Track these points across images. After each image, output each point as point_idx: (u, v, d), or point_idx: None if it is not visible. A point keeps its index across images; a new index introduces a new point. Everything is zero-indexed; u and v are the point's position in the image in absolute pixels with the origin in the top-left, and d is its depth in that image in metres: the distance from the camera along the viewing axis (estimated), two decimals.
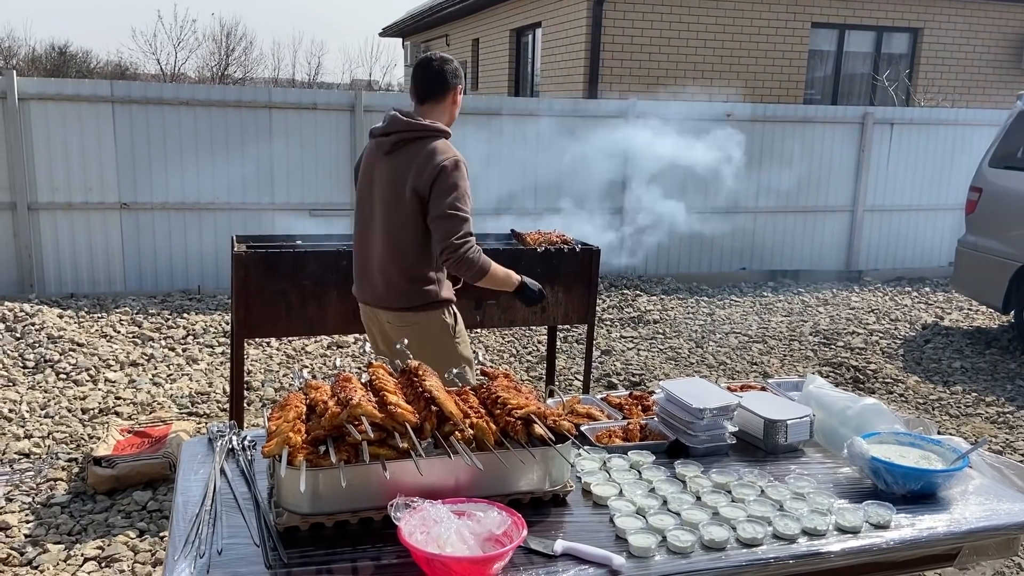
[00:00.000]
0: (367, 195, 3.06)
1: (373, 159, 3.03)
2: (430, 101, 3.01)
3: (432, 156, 2.88)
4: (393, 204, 2.93)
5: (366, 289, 3.14)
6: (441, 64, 3.01)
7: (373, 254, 3.06)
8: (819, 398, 2.41)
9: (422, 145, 2.91)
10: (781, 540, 1.82)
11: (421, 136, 2.92)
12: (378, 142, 2.99)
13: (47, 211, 7.01)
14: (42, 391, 5.00)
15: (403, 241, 2.96)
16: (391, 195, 2.94)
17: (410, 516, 1.67)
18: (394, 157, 2.94)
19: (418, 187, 2.86)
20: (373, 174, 3.02)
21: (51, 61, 26.04)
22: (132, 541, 3.38)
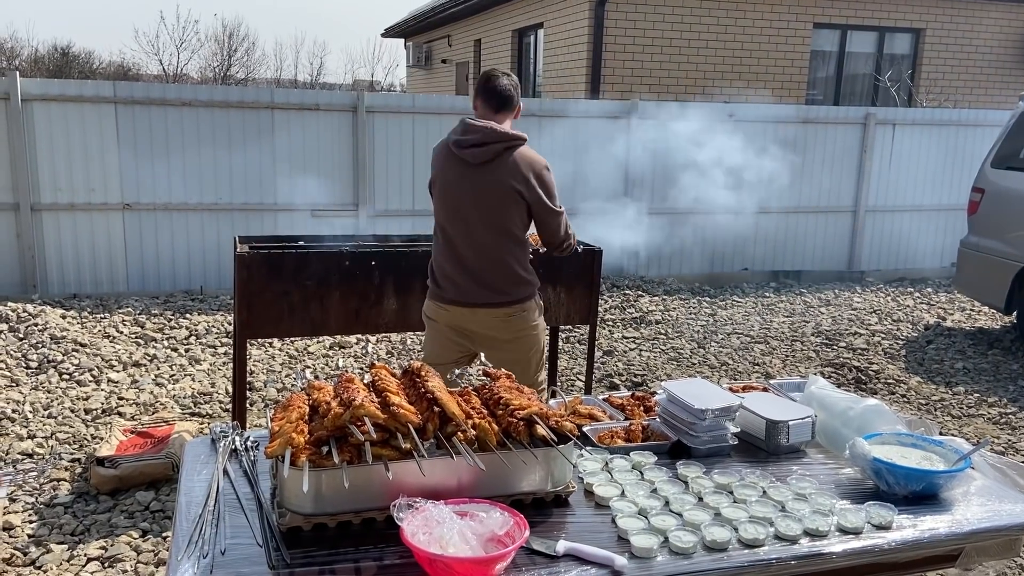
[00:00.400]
0: (463, 203, 3.23)
1: (463, 168, 3.21)
2: (504, 111, 3.29)
3: (531, 161, 3.22)
4: (501, 209, 3.19)
5: (469, 290, 3.28)
6: (510, 80, 3.35)
7: (476, 257, 3.25)
8: (821, 399, 2.41)
9: (514, 151, 3.21)
10: (783, 541, 1.82)
11: (513, 144, 3.21)
12: (472, 153, 3.18)
13: (50, 212, 7.02)
14: (45, 391, 5.01)
15: (510, 239, 3.24)
16: (496, 198, 3.18)
17: (413, 517, 1.67)
18: (494, 164, 3.18)
19: (522, 191, 3.17)
20: (471, 182, 3.20)
21: (54, 62, 26.09)
22: (135, 541, 3.39)
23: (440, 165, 3.30)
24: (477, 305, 3.27)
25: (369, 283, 4.17)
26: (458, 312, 3.32)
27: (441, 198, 3.30)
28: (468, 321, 3.32)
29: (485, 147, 3.17)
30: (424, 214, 7.77)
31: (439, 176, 3.30)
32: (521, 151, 3.21)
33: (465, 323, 3.33)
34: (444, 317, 3.37)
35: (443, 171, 3.28)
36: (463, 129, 3.24)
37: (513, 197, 3.17)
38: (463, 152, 3.20)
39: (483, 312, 3.28)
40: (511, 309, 3.28)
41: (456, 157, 3.22)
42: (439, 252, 3.35)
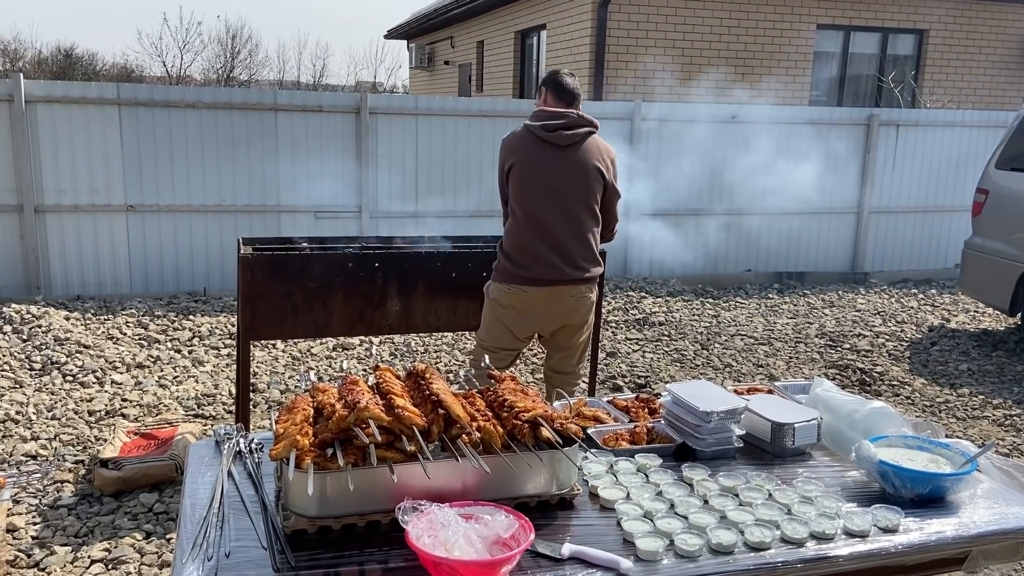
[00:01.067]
0: (554, 182, 3.48)
1: (551, 150, 3.48)
2: (575, 104, 3.61)
3: (607, 146, 3.62)
4: (587, 186, 3.51)
5: (555, 267, 3.50)
6: (574, 79, 3.66)
7: (567, 232, 3.50)
8: (826, 401, 2.40)
9: (595, 137, 3.57)
10: (789, 544, 1.81)
11: (592, 129, 3.56)
12: (562, 136, 3.46)
13: (54, 213, 7.03)
14: (49, 393, 5.02)
15: (592, 215, 3.55)
16: (586, 176, 3.50)
17: (417, 519, 1.67)
18: (582, 147, 3.50)
19: (604, 171, 3.54)
20: (555, 161, 3.48)
21: (57, 63, 26.13)
22: (139, 543, 3.38)
23: (522, 150, 3.52)
24: (558, 283, 3.50)
25: (372, 285, 4.17)
26: (535, 293, 3.53)
27: (527, 180, 3.51)
28: (543, 302, 3.54)
29: (573, 130, 3.48)
30: (427, 215, 7.79)
31: (523, 160, 3.51)
32: (597, 137, 3.58)
33: (539, 304, 3.55)
34: (520, 300, 3.55)
35: (528, 155, 3.51)
36: (546, 116, 3.51)
37: (597, 176, 3.52)
38: (552, 135, 3.47)
39: (560, 290, 3.52)
40: (585, 288, 3.58)
41: (541, 141, 3.49)
42: (520, 232, 3.53)
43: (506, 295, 3.58)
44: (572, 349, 3.74)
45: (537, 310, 3.57)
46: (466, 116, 8.04)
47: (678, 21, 11.29)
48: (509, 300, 3.58)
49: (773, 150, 8.84)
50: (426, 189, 7.91)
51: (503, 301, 3.60)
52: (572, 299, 3.57)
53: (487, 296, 3.70)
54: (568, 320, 3.63)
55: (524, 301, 3.55)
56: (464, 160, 8.06)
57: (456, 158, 8.03)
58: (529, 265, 3.52)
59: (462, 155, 8.06)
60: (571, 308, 3.59)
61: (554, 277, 3.50)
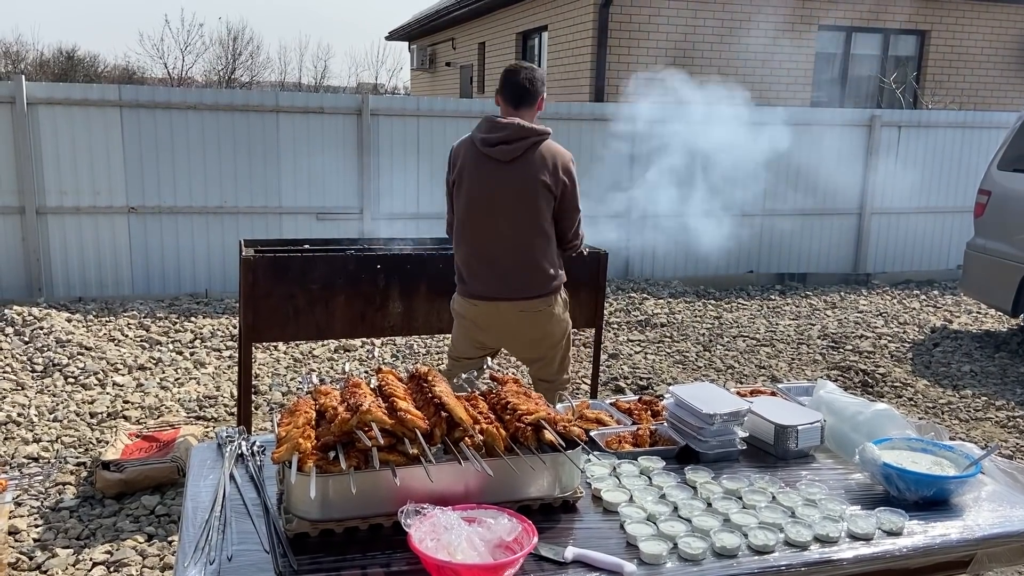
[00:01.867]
0: (494, 200, 3.25)
1: (492, 166, 3.23)
2: (524, 106, 3.29)
3: (559, 154, 3.28)
4: (529, 202, 3.22)
5: (495, 285, 3.31)
6: (533, 73, 3.30)
7: (504, 251, 3.28)
8: (830, 403, 2.40)
9: (540, 146, 3.25)
10: (793, 547, 1.81)
11: (539, 139, 3.25)
12: (500, 150, 3.20)
13: (55, 215, 7.03)
14: (50, 395, 5.01)
15: (539, 233, 3.27)
16: (527, 194, 3.22)
17: (420, 523, 1.66)
18: (522, 161, 3.21)
19: (551, 185, 3.23)
20: (499, 178, 3.23)
21: (59, 65, 26.15)
22: (141, 546, 3.38)
23: (465, 163, 3.29)
24: (503, 299, 3.31)
25: (374, 286, 4.17)
26: (485, 307, 3.35)
27: (468, 196, 3.30)
28: (493, 316, 3.36)
29: (513, 144, 3.20)
30: (429, 216, 7.79)
31: (465, 175, 3.29)
32: (547, 144, 3.27)
33: (491, 318, 3.37)
34: (471, 312, 3.40)
35: (470, 170, 3.28)
36: (488, 127, 3.25)
37: (543, 191, 3.22)
38: (491, 150, 3.22)
39: (508, 306, 3.32)
40: (536, 303, 3.32)
41: (483, 155, 3.24)
42: (466, 248, 3.37)
43: (461, 306, 3.45)
44: (546, 360, 3.52)
45: (490, 323, 3.39)
46: (468, 117, 8.04)
47: (680, 22, 11.28)
48: (463, 311, 3.44)
49: (774, 151, 8.83)
50: (428, 190, 7.91)
51: (459, 311, 3.47)
52: (523, 313, 3.34)
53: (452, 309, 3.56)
54: (527, 334, 3.41)
55: (475, 314, 3.39)
56: None
57: None
58: (471, 281, 3.37)
59: None
60: (525, 322, 3.36)
61: (495, 295, 3.32)
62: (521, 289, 3.30)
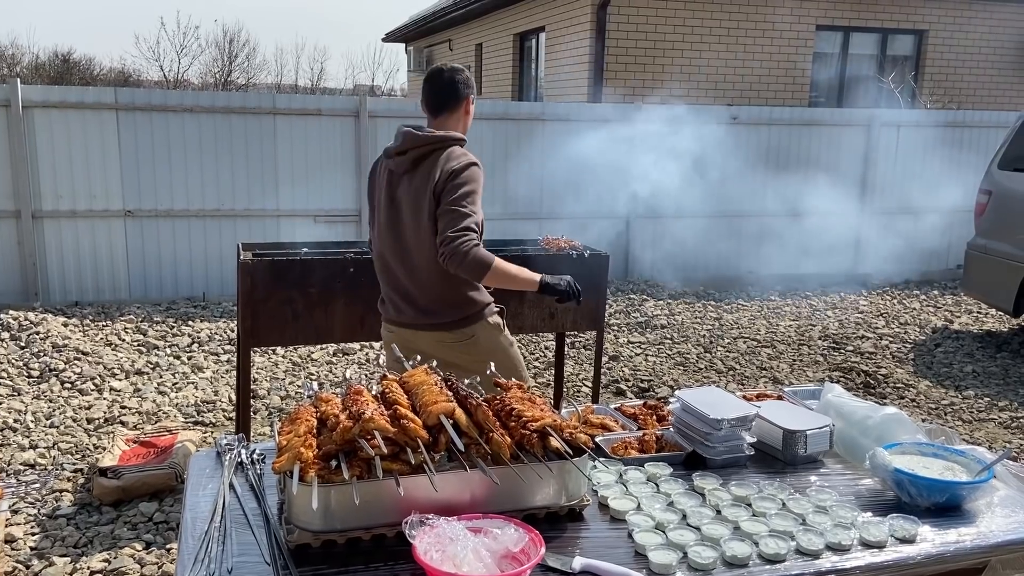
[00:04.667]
0: (392, 216, 2.92)
1: (391, 179, 2.94)
2: (444, 113, 2.93)
3: (449, 157, 2.83)
4: (421, 218, 2.83)
5: (408, 312, 2.96)
6: (452, 75, 2.93)
7: (409, 272, 2.92)
8: (838, 407, 2.36)
9: (438, 155, 2.84)
10: (805, 556, 1.77)
11: (437, 147, 2.85)
12: (396, 162, 2.90)
13: (51, 219, 6.99)
14: (47, 401, 4.97)
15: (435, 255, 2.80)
16: (417, 209, 2.83)
17: (425, 534, 1.63)
18: (415, 173, 2.86)
19: (435, 192, 2.80)
20: (394, 194, 2.92)
21: (55, 68, 26.08)
22: (138, 553, 3.34)
23: (373, 179, 3.06)
24: (416, 327, 2.95)
25: (373, 290, 4.11)
26: (401, 333, 2.99)
27: (372, 213, 3.05)
28: (417, 341, 2.95)
29: (405, 155, 2.86)
30: None
31: (371, 190, 3.06)
32: (450, 151, 2.85)
33: (415, 344, 2.94)
34: (393, 339, 3.02)
35: (374, 185, 3.04)
36: (395, 137, 2.94)
37: (426, 203, 2.80)
38: (389, 161, 2.93)
39: (425, 336, 2.94)
40: (455, 334, 2.92)
41: (384, 167, 2.97)
42: (376, 271, 3.09)
43: (384, 333, 3.13)
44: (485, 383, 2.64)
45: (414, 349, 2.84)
46: None
47: (677, 23, 11.25)
48: (387, 339, 3.10)
49: (772, 152, 8.81)
50: None
51: (383, 336, 3.16)
52: (440, 345, 2.91)
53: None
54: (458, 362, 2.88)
55: (397, 340, 2.95)
56: None
57: None
58: (387, 305, 3.06)
59: None
60: (449, 353, 2.89)
61: (408, 322, 2.95)
62: (435, 317, 2.91)
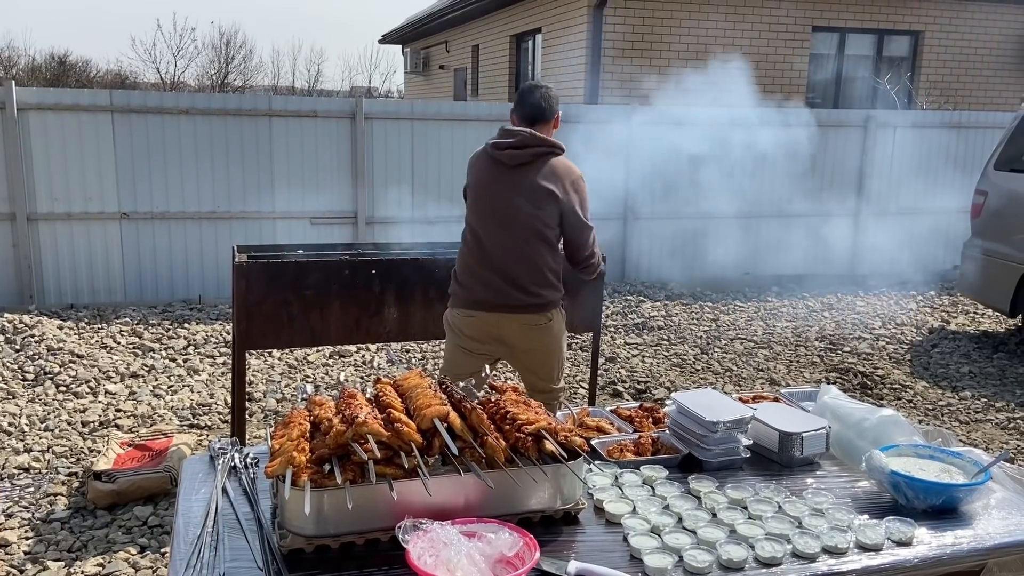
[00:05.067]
0: (498, 204, 3.27)
1: (501, 169, 3.27)
2: (540, 123, 3.31)
3: (569, 169, 3.29)
4: (533, 208, 3.22)
5: (498, 294, 3.28)
6: (548, 92, 3.36)
7: (507, 257, 3.26)
8: (835, 409, 2.35)
9: (551, 158, 3.27)
10: (801, 559, 1.76)
11: (553, 151, 3.29)
12: (510, 155, 3.24)
13: (46, 221, 6.97)
14: (42, 404, 4.95)
15: (542, 241, 3.25)
16: (531, 199, 3.22)
17: (418, 538, 1.62)
18: (531, 168, 3.24)
19: (558, 194, 3.22)
20: (508, 183, 3.25)
21: (51, 70, 26.05)
22: (133, 558, 3.32)
23: (478, 169, 3.37)
24: (505, 308, 3.28)
25: (369, 292, 4.12)
26: (484, 318, 3.32)
27: (476, 200, 3.35)
28: (492, 327, 3.33)
29: (522, 150, 3.24)
30: (423, 221, 7.74)
31: (475, 179, 3.37)
32: (559, 159, 3.29)
33: (489, 329, 3.33)
34: (469, 324, 3.35)
35: (480, 174, 3.35)
36: (502, 134, 3.32)
37: (549, 201, 3.22)
38: (500, 154, 3.26)
39: (509, 318, 3.30)
40: (537, 316, 3.31)
41: (493, 159, 3.29)
42: (469, 254, 3.37)
43: (458, 319, 3.39)
44: (540, 372, 3.47)
45: (489, 334, 3.33)
46: (462, 121, 8.00)
47: (674, 24, 11.26)
48: (460, 325, 3.38)
49: (769, 153, 8.80)
50: (422, 194, 7.86)
51: (455, 326, 3.41)
52: (524, 327, 3.31)
53: (445, 324, 3.50)
54: (524, 345, 3.36)
55: (475, 325, 3.34)
56: (460, 165, 7.91)
57: (452, 163, 7.99)
58: (474, 288, 3.33)
59: (458, 160, 8.00)
60: (524, 335, 3.33)
61: (501, 302, 3.28)
62: (526, 295, 3.28)
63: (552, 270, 3.31)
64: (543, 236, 3.25)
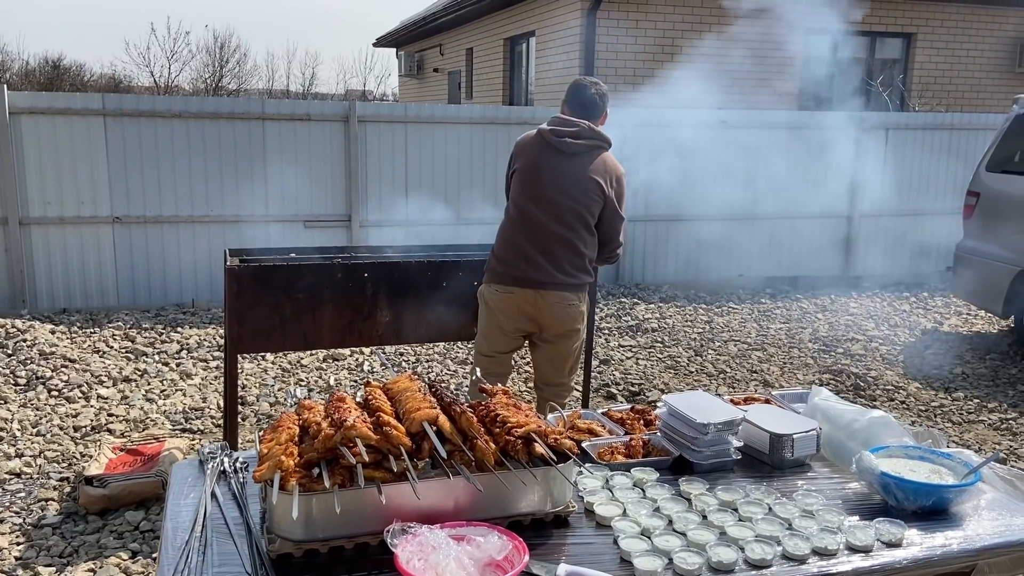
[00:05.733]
0: (550, 186, 3.44)
1: (555, 155, 3.46)
2: (592, 118, 3.53)
3: (616, 165, 3.54)
4: (583, 195, 3.43)
5: (537, 273, 3.47)
6: (600, 88, 3.59)
7: (554, 239, 3.45)
8: (825, 411, 2.35)
9: (602, 152, 3.51)
10: (791, 561, 1.76)
11: (602, 145, 3.51)
12: (567, 144, 3.44)
13: (39, 226, 6.95)
14: (34, 409, 4.93)
15: (585, 227, 3.47)
16: (583, 187, 3.43)
17: (407, 542, 1.61)
18: (584, 158, 3.46)
19: (604, 187, 3.45)
20: (562, 169, 3.44)
21: (45, 75, 25.98)
22: (124, 563, 3.31)
23: (530, 151, 3.52)
24: (543, 286, 3.46)
25: (362, 295, 4.11)
26: (522, 294, 3.50)
27: (526, 180, 3.50)
28: (529, 304, 3.50)
29: (580, 140, 3.44)
30: (417, 224, 7.73)
31: (527, 160, 3.51)
32: (608, 154, 3.53)
33: (525, 305, 3.51)
34: (505, 300, 3.54)
35: (533, 156, 3.50)
36: (560, 122, 3.49)
37: (596, 189, 3.43)
38: (560, 140, 3.44)
39: (545, 294, 3.47)
40: (571, 295, 3.50)
41: (548, 145, 3.47)
42: (514, 231, 3.52)
43: (495, 295, 3.58)
44: (561, 358, 3.65)
45: (523, 311, 3.53)
46: (455, 123, 8.00)
47: (667, 27, 11.27)
48: (496, 301, 3.58)
49: (763, 155, 8.82)
50: (416, 197, 7.85)
51: (491, 302, 3.60)
52: (558, 305, 3.49)
53: (480, 301, 3.68)
54: (555, 326, 3.55)
55: (510, 301, 3.54)
56: (454, 168, 8.01)
57: (446, 166, 7.99)
58: (516, 263, 3.51)
59: (452, 163, 8.01)
60: (557, 314, 3.51)
61: (539, 278, 3.47)
62: (564, 274, 3.47)
63: (588, 256, 3.52)
64: (586, 223, 3.46)
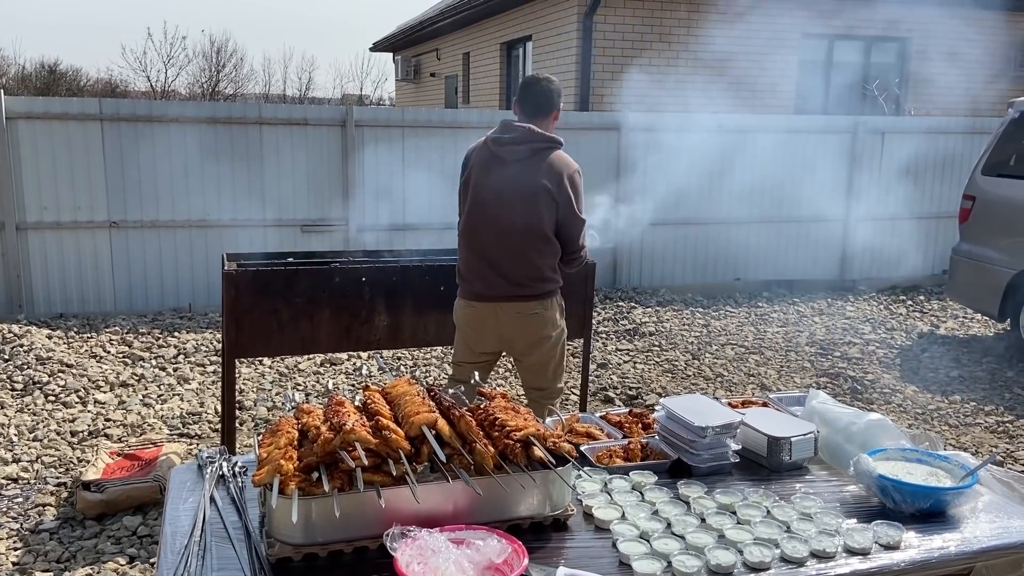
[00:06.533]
0: (495, 197, 3.32)
1: (499, 164, 3.32)
2: (540, 116, 3.40)
3: (565, 164, 3.35)
4: (530, 203, 3.28)
5: (494, 285, 3.37)
6: (549, 84, 3.45)
7: (504, 249, 3.33)
8: (823, 414, 2.36)
9: (549, 153, 3.33)
10: (789, 564, 1.77)
11: (552, 146, 3.35)
12: (509, 150, 3.31)
13: (36, 231, 6.94)
14: (31, 414, 4.92)
15: (538, 235, 3.31)
16: (527, 195, 3.28)
17: (407, 546, 1.61)
18: (530, 163, 3.30)
19: (552, 191, 3.28)
20: (505, 177, 3.31)
21: (41, 79, 25.97)
22: (122, 568, 3.30)
23: (475, 162, 3.41)
24: (501, 299, 3.36)
25: (360, 300, 4.12)
26: (481, 308, 3.42)
27: (474, 193, 3.39)
28: (489, 317, 3.42)
29: (522, 145, 3.30)
30: (415, 228, 7.74)
31: (473, 172, 3.40)
32: (557, 153, 3.35)
33: (487, 320, 3.43)
34: (469, 315, 3.47)
35: (479, 168, 3.39)
36: (502, 128, 3.38)
37: (544, 196, 3.27)
38: (501, 149, 3.33)
39: (504, 307, 3.37)
40: (532, 304, 3.37)
41: (492, 154, 3.35)
42: (466, 247, 3.45)
43: (460, 310, 3.54)
44: (539, 366, 3.54)
45: (487, 325, 3.45)
46: (452, 128, 8.01)
47: (664, 31, 11.30)
48: (461, 315, 3.53)
49: (759, 159, 8.84)
50: (413, 201, 7.86)
51: (458, 316, 3.56)
52: (519, 316, 3.39)
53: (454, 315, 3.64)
54: (521, 337, 3.44)
55: (473, 316, 3.47)
56: (451, 172, 7.99)
57: (443, 170, 7.98)
58: (471, 279, 3.45)
59: (449, 167, 8.00)
60: (521, 324, 3.40)
61: (494, 293, 3.38)
62: (518, 289, 3.35)
63: (546, 263, 3.37)
64: (538, 232, 3.31)
